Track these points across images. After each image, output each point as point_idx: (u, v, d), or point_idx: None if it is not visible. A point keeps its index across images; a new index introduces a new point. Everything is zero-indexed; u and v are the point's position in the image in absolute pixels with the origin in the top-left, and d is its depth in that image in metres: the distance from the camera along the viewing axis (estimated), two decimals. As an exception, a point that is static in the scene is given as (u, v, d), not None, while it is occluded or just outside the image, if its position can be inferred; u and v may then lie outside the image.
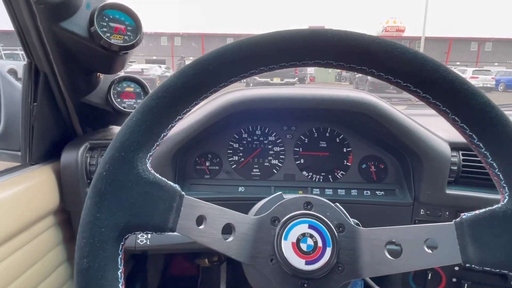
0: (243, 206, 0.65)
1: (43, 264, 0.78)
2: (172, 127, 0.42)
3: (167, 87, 0.40)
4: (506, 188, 0.39)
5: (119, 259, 0.39)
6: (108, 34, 0.75)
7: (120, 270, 0.39)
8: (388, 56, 0.39)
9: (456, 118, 0.40)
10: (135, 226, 0.39)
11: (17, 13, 0.71)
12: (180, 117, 0.42)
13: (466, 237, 0.39)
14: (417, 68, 0.39)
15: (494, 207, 0.39)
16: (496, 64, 28.26)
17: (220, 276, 1.23)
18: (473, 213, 0.40)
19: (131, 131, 0.40)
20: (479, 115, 0.39)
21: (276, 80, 12.74)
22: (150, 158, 0.41)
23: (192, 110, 0.43)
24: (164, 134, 0.42)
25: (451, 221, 0.41)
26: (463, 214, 0.40)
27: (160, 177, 0.41)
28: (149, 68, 15.62)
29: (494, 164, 0.39)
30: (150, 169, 0.41)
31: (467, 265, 0.39)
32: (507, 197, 0.39)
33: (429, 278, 0.89)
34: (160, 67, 17.68)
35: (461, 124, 0.40)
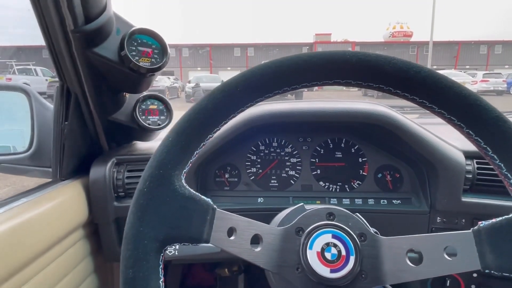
0: (263, 216, 0.67)
1: (72, 276, 0.81)
2: (204, 145, 0.45)
3: (198, 110, 0.44)
4: None
5: (160, 269, 0.42)
6: (137, 58, 0.79)
7: (161, 280, 0.42)
8: (404, 75, 0.42)
9: (470, 132, 0.43)
10: (173, 238, 0.42)
11: (53, 41, 0.76)
12: (211, 135, 0.46)
13: (484, 244, 0.41)
14: (431, 86, 0.42)
15: (510, 215, 0.41)
16: (506, 66, 27.83)
17: (238, 287, 1.25)
18: (490, 221, 0.42)
19: (167, 150, 0.43)
20: (493, 129, 0.41)
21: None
22: (185, 174, 0.45)
23: None
24: (197, 152, 0.45)
25: (468, 229, 0.43)
26: (480, 222, 0.43)
27: (194, 192, 0.44)
28: (158, 79, 15.81)
29: (509, 174, 0.42)
30: (185, 184, 0.44)
31: (486, 271, 0.41)
32: None
33: (448, 285, 0.90)
34: (169, 78, 17.94)
35: (475, 138, 0.43)
